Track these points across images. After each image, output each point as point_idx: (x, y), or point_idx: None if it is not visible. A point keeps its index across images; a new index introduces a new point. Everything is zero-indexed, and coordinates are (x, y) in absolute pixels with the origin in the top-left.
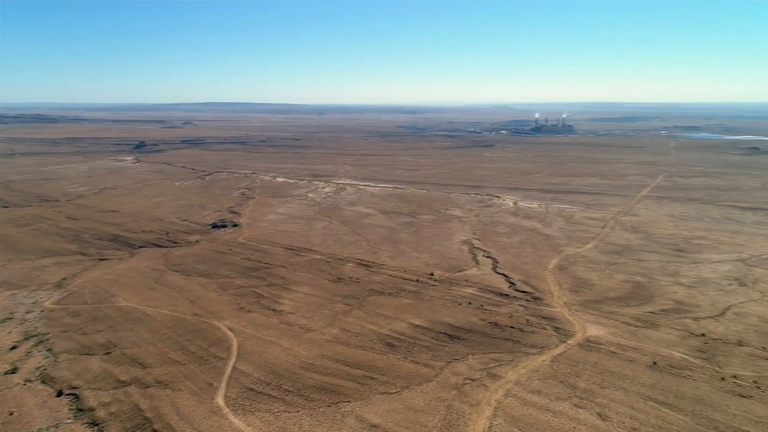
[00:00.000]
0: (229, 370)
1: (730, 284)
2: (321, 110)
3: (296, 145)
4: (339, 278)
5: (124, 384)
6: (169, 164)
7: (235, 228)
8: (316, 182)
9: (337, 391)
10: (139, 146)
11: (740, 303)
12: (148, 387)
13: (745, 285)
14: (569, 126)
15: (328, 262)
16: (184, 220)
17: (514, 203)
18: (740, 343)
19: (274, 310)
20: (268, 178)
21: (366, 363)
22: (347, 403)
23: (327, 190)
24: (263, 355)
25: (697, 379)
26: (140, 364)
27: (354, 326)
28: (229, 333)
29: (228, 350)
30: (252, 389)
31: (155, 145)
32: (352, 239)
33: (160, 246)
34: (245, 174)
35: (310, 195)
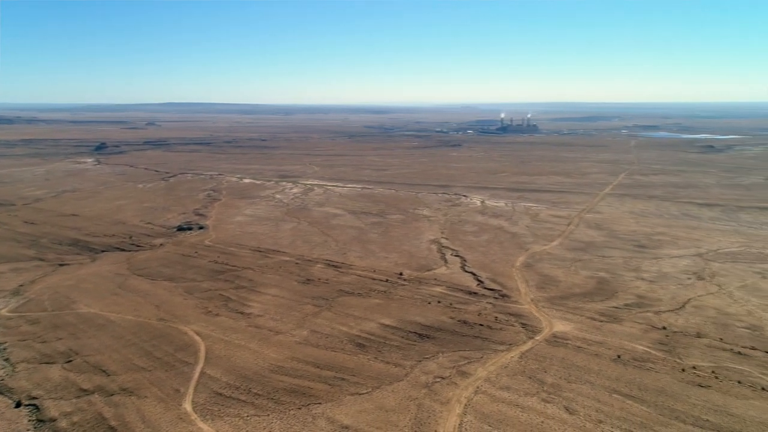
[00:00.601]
0: (196, 375)
1: (688, 278)
2: (288, 110)
3: (263, 145)
4: (308, 279)
5: (87, 392)
6: (131, 166)
7: (202, 230)
8: (284, 183)
9: (307, 393)
10: (100, 148)
11: (698, 296)
12: (113, 395)
13: (702, 279)
14: (534, 125)
15: (296, 263)
16: (148, 223)
17: (482, 202)
18: (699, 335)
19: (242, 313)
20: (234, 179)
21: (336, 364)
22: (318, 405)
23: (295, 190)
24: (232, 359)
25: (659, 371)
26: (104, 371)
27: (324, 327)
28: (197, 337)
29: (195, 355)
30: (221, 394)
31: (116, 146)
32: (320, 240)
33: (123, 250)
34: (211, 175)
35: (278, 196)
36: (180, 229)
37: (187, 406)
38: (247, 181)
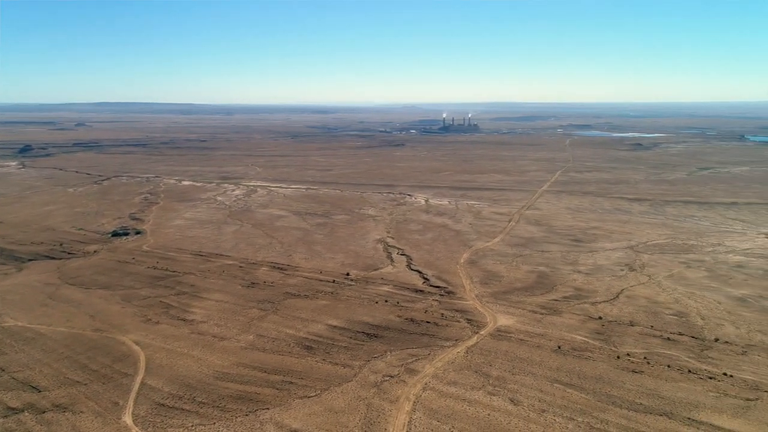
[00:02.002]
0: (136, 386)
1: (621, 270)
2: (228, 110)
3: (202, 146)
4: (253, 283)
5: (16, 411)
6: (60, 169)
7: (139, 235)
8: (225, 185)
9: (254, 399)
10: (25, 150)
11: (631, 286)
12: (45, 412)
13: (634, 270)
14: (475, 125)
15: (240, 267)
16: (80, 229)
17: (426, 201)
18: (632, 324)
19: (184, 320)
20: (172, 181)
21: (284, 368)
22: (266, 411)
23: (237, 192)
24: (174, 368)
25: (596, 360)
26: (34, 387)
27: (270, 331)
28: (136, 347)
29: (135, 365)
30: (163, 404)
31: (43, 148)
32: (265, 242)
33: (53, 258)
34: (147, 178)
35: (219, 198)
36: (115, 234)
37: (127, 419)
38: (186, 183)
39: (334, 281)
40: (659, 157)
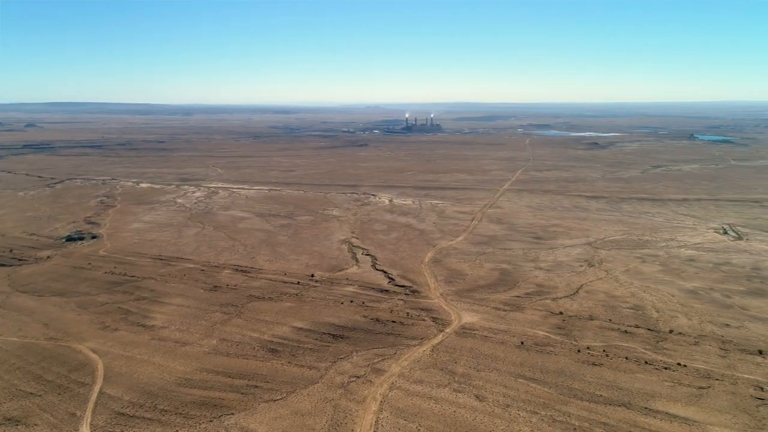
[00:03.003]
0: (94, 396)
1: (581, 266)
2: (187, 110)
3: (161, 147)
4: (215, 286)
5: None
6: (9, 172)
7: (95, 240)
8: (186, 187)
9: (218, 405)
10: None
11: (590, 282)
12: None
13: (593, 265)
14: (437, 125)
15: (202, 270)
16: (32, 234)
17: (390, 201)
18: (591, 318)
19: (144, 326)
20: (130, 184)
21: (248, 372)
22: (230, 416)
23: (198, 194)
24: (134, 376)
25: (558, 354)
26: None
27: (234, 335)
28: (93, 355)
29: (92, 374)
30: (123, 414)
31: None
32: (227, 245)
33: (3, 265)
34: (103, 180)
35: (179, 200)
36: (70, 239)
37: (85, 430)
38: (144, 185)
39: (298, 283)
40: (615, 155)
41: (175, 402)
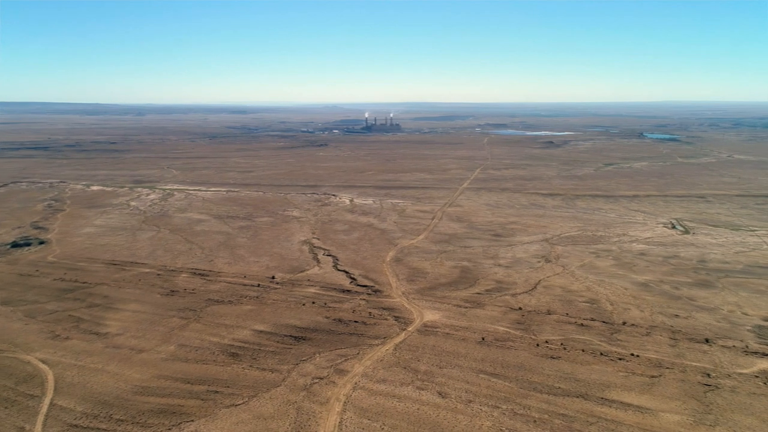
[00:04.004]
0: (44, 408)
1: (538, 261)
2: (139, 110)
3: (112, 149)
4: (172, 291)
5: None
6: None
7: (42, 245)
8: (139, 189)
9: (177, 412)
10: None
11: (547, 277)
12: None
13: (550, 261)
14: (397, 125)
15: (158, 274)
16: None
17: (351, 201)
18: (549, 312)
19: (97, 333)
20: (80, 187)
21: (208, 377)
22: (190, 423)
23: (152, 197)
24: (88, 386)
25: (518, 348)
26: None
27: (193, 340)
28: (43, 366)
29: (42, 386)
30: (76, 425)
31: None
32: (184, 248)
33: None
34: (51, 183)
35: (133, 203)
36: (15, 245)
37: None
38: (95, 188)
39: (259, 285)
40: (569, 154)
41: (131, 411)
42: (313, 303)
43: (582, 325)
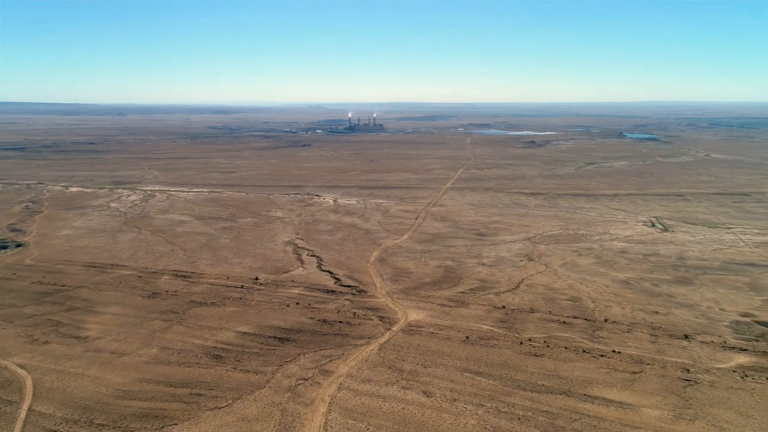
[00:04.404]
0: (23, 414)
1: (521, 260)
2: (119, 111)
3: (92, 149)
4: (154, 293)
5: None
6: None
7: (20, 248)
8: (120, 190)
9: (160, 416)
10: None
11: (530, 276)
12: None
13: (532, 260)
14: (380, 125)
15: (139, 277)
16: None
17: (334, 201)
18: (532, 310)
19: (77, 337)
20: (58, 188)
21: (191, 380)
22: (173, 426)
23: (133, 198)
24: (67, 390)
25: (501, 347)
26: None
27: (175, 343)
28: (21, 371)
29: (20, 392)
30: (55, 431)
31: None
32: (166, 250)
33: None
34: (28, 185)
35: (113, 205)
36: None
37: None
38: (74, 189)
39: (242, 286)
40: (551, 153)
41: (112, 415)
42: (297, 304)
43: (564, 322)
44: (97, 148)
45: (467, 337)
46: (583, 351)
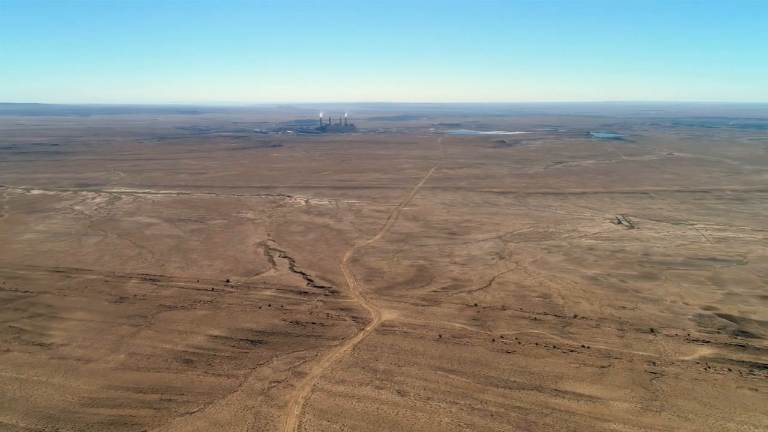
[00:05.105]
0: None
1: (492, 258)
2: (83, 111)
3: (54, 151)
4: (121, 298)
5: None
6: None
7: None
8: (84, 192)
9: (129, 423)
10: None
11: (501, 274)
12: None
13: (503, 258)
14: (351, 125)
15: (106, 281)
16: None
17: (306, 201)
18: (504, 308)
19: (41, 344)
20: (19, 191)
21: (161, 385)
22: None
23: (98, 200)
24: (31, 400)
25: (474, 344)
26: None
27: (144, 348)
28: None
29: None
30: None
31: None
32: (133, 253)
33: None
34: None
35: (78, 207)
36: None
37: None
38: (36, 192)
39: (213, 289)
40: (520, 153)
41: (79, 424)
42: (270, 306)
43: (535, 319)
44: (60, 149)
45: (440, 336)
46: (554, 347)
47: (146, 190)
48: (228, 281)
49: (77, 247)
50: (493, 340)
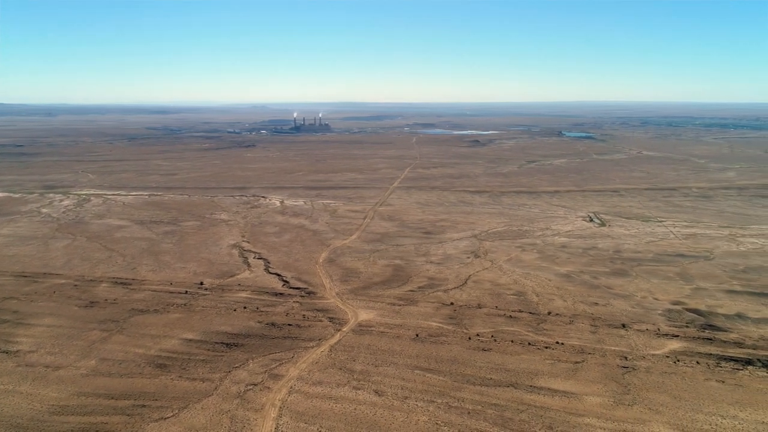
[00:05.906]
0: None
1: (468, 257)
2: (49, 111)
3: (19, 152)
4: (91, 302)
5: None
6: None
7: None
8: (51, 195)
9: (101, 430)
10: None
11: (476, 272)
12: None
13: (479, 256)
14: (326, 125)
15: (75, 285)
16: None
17: (281, 202)
18: (479, 306)
19: (7, 352)
20: None
21: (134, 391)
22: None
23: (66, 203)
24: None
25: (450, 343)
26: None
27: (116, 353)
28: None
29: None
30: None
31: None
32: (103, 256)
33: None
34: None
35: (44, 210)
36: None
37: None
38: (0, 195)
39: (186, 292)
40: (494, 152)
41: None
42: (245, 308)
43: (510, 317)
44: (25, 150)
45: (417, 335)
46: (529, 344)
47: (116, 192)
48: (202, 284)
49: (44, 251)
50: (470, 338)
